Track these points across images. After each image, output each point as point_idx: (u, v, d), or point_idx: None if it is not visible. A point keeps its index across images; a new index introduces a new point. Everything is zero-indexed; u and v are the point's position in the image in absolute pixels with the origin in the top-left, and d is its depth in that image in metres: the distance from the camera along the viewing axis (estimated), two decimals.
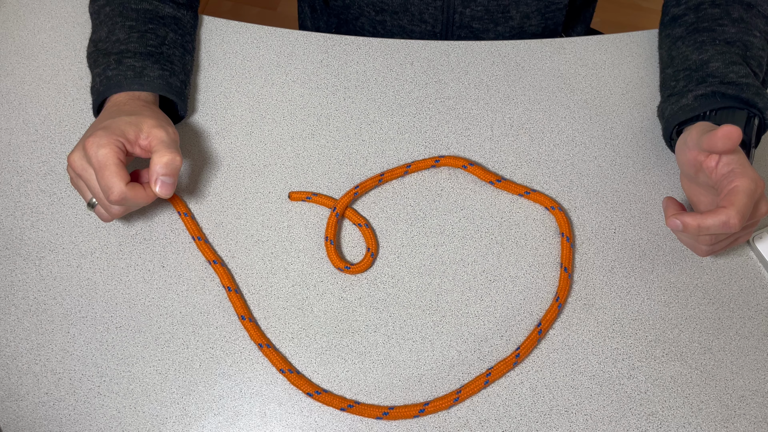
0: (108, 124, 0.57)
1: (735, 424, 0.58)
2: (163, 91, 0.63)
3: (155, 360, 0.59)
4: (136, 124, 0.58)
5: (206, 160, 0.67)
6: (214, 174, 0.67)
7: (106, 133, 0.56)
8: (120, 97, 0.62)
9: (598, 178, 0.67)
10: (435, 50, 0.73)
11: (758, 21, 0.65)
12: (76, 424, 0.57)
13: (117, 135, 0.56)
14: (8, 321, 0.61)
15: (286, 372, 0.58)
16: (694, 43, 0.65)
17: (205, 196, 0.66)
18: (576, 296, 0.62)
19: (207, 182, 0.66)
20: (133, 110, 0.60)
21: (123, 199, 0.55)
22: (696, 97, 0.62)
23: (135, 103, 0.61)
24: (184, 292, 0.62)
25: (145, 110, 0.60)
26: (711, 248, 0.58)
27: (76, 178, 0.58)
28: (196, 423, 0.57)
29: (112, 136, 0.56)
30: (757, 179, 0.54)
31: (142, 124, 0.58)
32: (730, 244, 0.59)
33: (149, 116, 0.59)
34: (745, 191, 0.53)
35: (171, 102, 0.67)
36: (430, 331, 0.61)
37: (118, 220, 0.64)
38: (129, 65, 0.62)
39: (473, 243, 0.64)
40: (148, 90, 0.62)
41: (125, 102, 0.61)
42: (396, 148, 0.68)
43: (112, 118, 0.58)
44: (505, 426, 0.57)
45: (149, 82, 0.62)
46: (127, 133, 0.57)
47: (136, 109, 0.60)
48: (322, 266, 0.63)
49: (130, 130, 0.57)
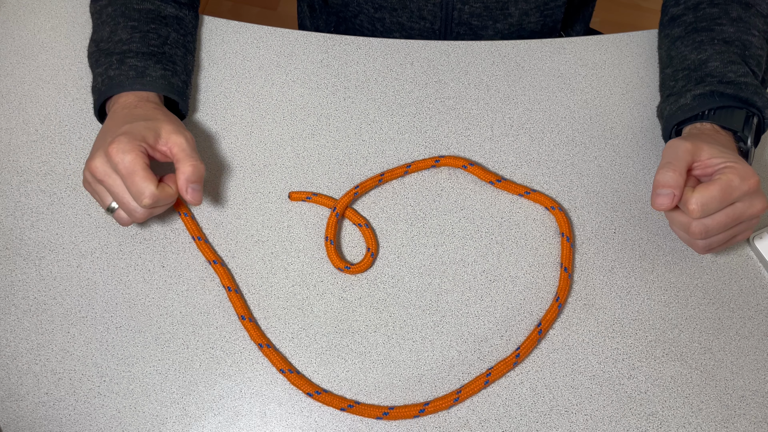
0: (128, 130, 0.57)
1: (735, 424, 0.58)
2: (165, 90, 0.63)
3: (155, 360, 0.59)
4: (155, 130, 0.58)
5: (206, 160, 0.67)
6: (214, 174, 0.67)
7: (128, 139, 0.57)
8: (128, 98, 0.62)
9: (598, 178, 0.67)
10: (435, 50, 0.73)
11: (757, 20, 0.65)
12: (76, 424, 0.57)
13: (139, 140, 0.57)
14: (8, 321, 0.61)
15: (286, 372, 0.58)
16: (693, 42, 0.65)
17: (205, 195, 0.66)
18: (576, 296, 0.62)
19: (207, 182, 0.66)
20: (146, 114, 0.60)
21: (155, 202, 0.56)
22: (694, 96, 0.62)
23: (146, 106, 0.62)
24: (184, 292, 0.62)
25: (158, 114, 0.61)
26: (707, 243, 0.58)
27: (95, 183, 0.58)
28: (196, 423, 0.57)
29: (134, 142, 0.57)
30: (747, 175, 0.55)
31: (160, 130, 0.59)
32: (728, 241, 0.59)
33: (165, 121, 0.60)
34: (722, 183, 0.54)
35: (172, 101, 0.67)
36: (430, 331, 0.61)
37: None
38: (131, 65, 0.62)
39: (473, 243, 0.64)
40: (149, 90, 0.62)
41: (135, 104, 0.61)
42: (396, 148, 0.68)
43: (130, 123, 0.58)
44: (505, 426, 0.57)
45: (151, 82, 0.62)
46: (147, 138, 0.58)
47: (150, 113, 0.60)
48: (322, 266, 0.63)
49: (149, 136, 0.58)
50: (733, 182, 0.54)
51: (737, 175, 0.54)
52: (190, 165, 0.58)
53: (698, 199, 0.54)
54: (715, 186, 0.54)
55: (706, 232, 0.56)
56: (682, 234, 0.59)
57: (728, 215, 0.55)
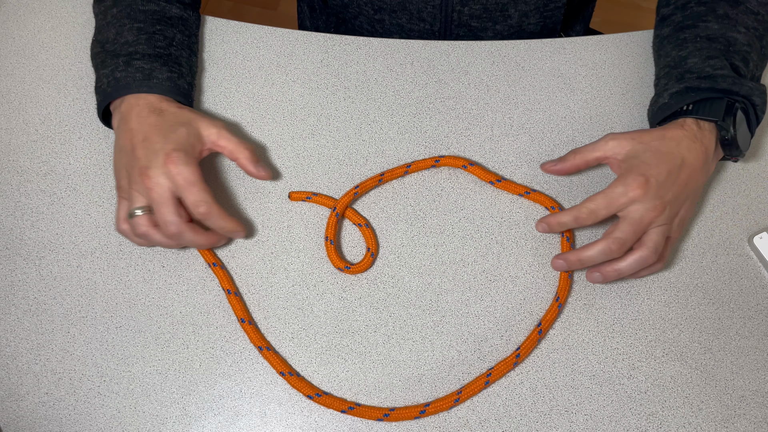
0: (179, 146, 0.59)
1: (735, 424, 0.58)
2: (171, 93, 0.63)
3: (155, 360, 0.59)
4: (196, 136, 0.61)
5: (206, 159, 0.67)
6: (214, 174, 0.67)
7: (185, 155, 0.59)
8: (151, 99, 0.62)
9: (598, 178, 0.67)
10: (435, 50, 0.73)
11: (745, 17, 0.65)
12: (76, 424, 0.57)
13: (194, 155, 0.60)
14: (8, 321, 0.61)
15: (287, 375, 0.58)
16: (677, 40, 0.65)
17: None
18: (576, 296, 0.62)
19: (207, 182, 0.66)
20: (178, 117, 0.61)
21: (209, 211, 0.58)
22: (671, 94, 0.62)
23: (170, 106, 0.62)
24: (184, 293, 0.62)
25: (186, 113, 0.62)
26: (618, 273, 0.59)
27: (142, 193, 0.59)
28: (196, 423, 0.57)
29: (190, 156, 0.59)
30: (631, 184, 0.58)
31: (199, 132, 0.61)
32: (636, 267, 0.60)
33: (195, 118, 0.62)
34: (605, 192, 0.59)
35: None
36: (430, 331, 0.61)
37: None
38: (138, 67, 0.62)
39: (473, 243, 0.64)
40: (156, 92, 0.62)
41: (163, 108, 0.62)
42: (396, 148, 0.68)
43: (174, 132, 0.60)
44: (505, 426, 0.57)
45: (158, 84, 0.62)
46: (195, 147, 0.61)
47: (180, 115, 0.62)
48: (322, 266, 0.63)
49: (197, 144, 0.61)
50: (616, 190, 0.58)
51: (621, 183, 0.58)
52: (245, 148, 0.62)
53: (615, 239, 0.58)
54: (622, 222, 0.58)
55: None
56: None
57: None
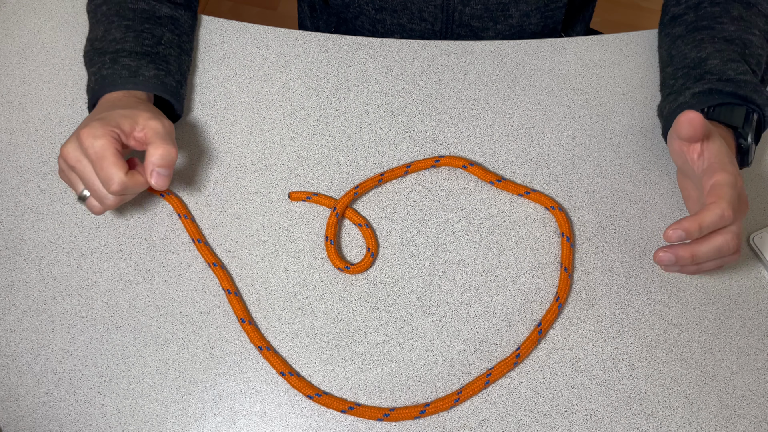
0: (103, 116, 0.57)
1: (735, 424, 0.58)
2: (157, 90, 0.63)
3: (155, 360, 0.59)
4: (131, 117, 0.58)
5: (206, 160, 0.67)
6: (214, 174, 0.67)
7: (101, 124, 0.56)
8: (115, 94, 0.62)
9: (598, 178, 0.67)
10: (435, 50, 0.73)
11: (758, 20, 0.65)
12: (76, 424, 0.57)
13: (112, 126, 0.56)
14: (8, 321, 0.61)
15: (287, 375, 0.58)
16: (693, 41, 0.65)
17: (205, 196, 0.66)
18: (576, 296, 0.62)
19: (207, 182, 0.66)
20: (128, 105, 0.60)
21: (124, 189, 0.55)
22: (693, 94, 0.62)
23: (129, 100, 0.62)
24: (184, 293, 0.62)
25: (140, 105, 0.61)
26: (698, 268, 0.57)
27: (68, 170, 0.58)
28: (196, 423, 0.57)
29: (107, 127, 0.56)
30: (736, 173, 0.55)
31: (137, 117, 0.58)
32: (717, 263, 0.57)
33: (144, 110, 0.59)
34: (728, 183, 0.54)
35: (168, 104, 0.67)
36: (430, 331, 0.61)
37: (118, 220, 0.64)
38: (124, 64, 0.62)
39: (473, 243, 0.64)
40: (142, 89, 0.62)
41: (119, 98, 0.61)
42: (396, 148, 0.68)
43: (107, 111, 0.58)
44: (505, 426, 0.57)
45: (144, 82, 0.62)
46: (122, 124, 0.57)
47: (131, 104, 0.60)
48: (322, 266, 0.63)
49: (125, 122, 0.57)
50: (730, 180, 0.54)
51: (728, 173, 0.54)
52: (161, 148, 0.56)
53: (728, 206, 0.53)
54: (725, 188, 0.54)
55: (705, 254, 0.56)
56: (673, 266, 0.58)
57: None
